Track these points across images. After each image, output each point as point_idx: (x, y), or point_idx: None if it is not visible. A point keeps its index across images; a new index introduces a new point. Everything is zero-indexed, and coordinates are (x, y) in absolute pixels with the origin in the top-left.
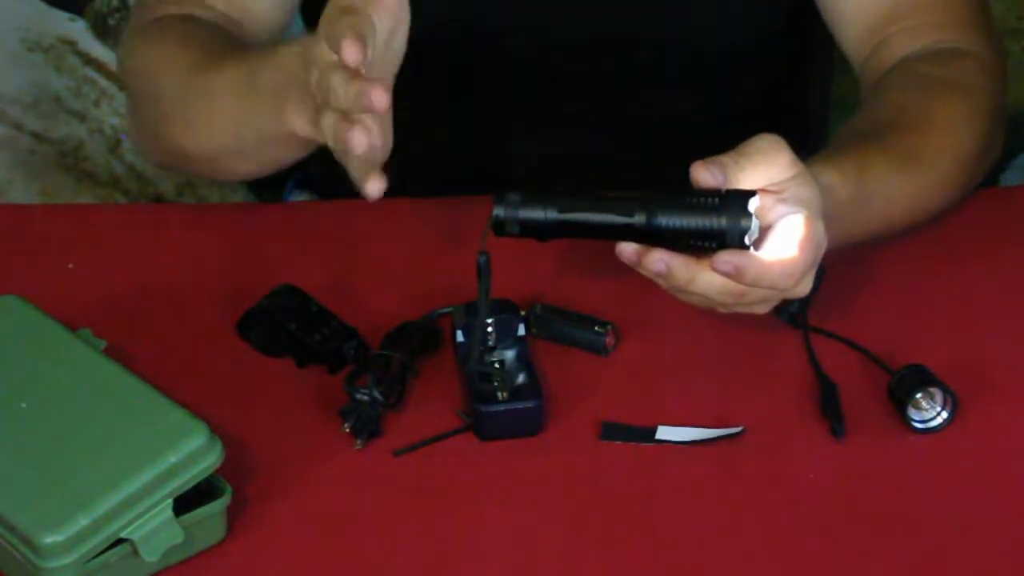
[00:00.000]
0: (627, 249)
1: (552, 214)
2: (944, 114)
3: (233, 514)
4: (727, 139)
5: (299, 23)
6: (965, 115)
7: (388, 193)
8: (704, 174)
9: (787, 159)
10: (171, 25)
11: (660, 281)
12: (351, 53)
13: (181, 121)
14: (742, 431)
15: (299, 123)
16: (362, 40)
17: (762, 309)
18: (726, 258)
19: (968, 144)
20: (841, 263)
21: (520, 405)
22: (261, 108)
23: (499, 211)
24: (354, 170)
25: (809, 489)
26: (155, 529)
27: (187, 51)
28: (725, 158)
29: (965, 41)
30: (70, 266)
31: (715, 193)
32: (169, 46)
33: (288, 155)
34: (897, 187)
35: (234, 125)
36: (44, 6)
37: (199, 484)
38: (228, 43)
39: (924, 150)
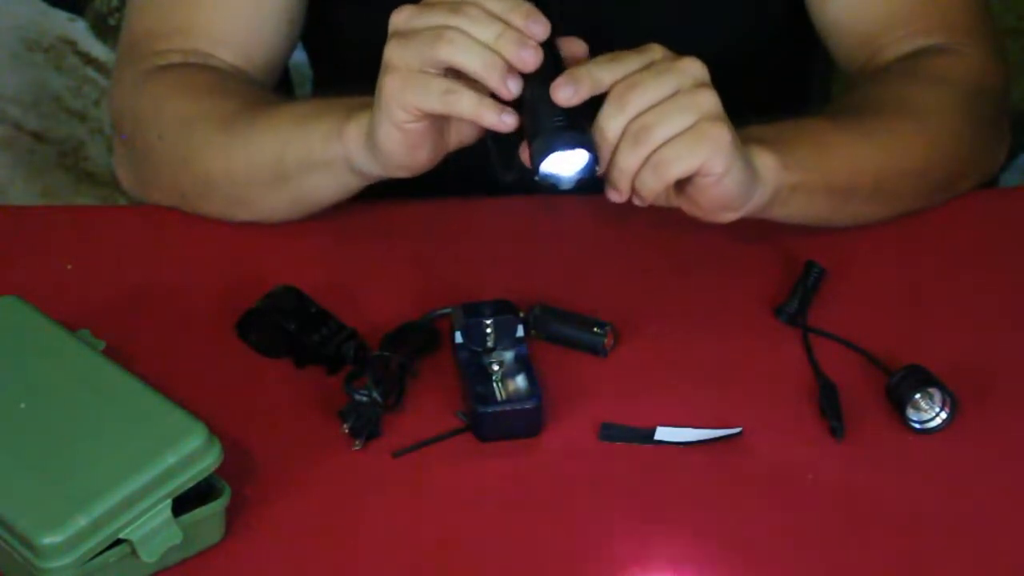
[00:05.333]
0: None
1: None
2: (903, 93)
3: (232, 514)
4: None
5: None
6: (929, 96)
7: (388, 193)
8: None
9: None
10: (196, 73)
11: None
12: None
13: (218, 146)
14: (742, 431)
15: (356, 140)
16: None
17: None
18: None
19: (934, 123)
20: (841, 263)
21: (519, 406)
22: (318, 125)
23: None
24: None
25: (809, 489)
26: (154, 529)
27: (226, 95)
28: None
29: (951, 43)
30: (70, 266)
31: None
32: (201, 85)
33: (328, 185)
34: (840, 140)
35: (280, 144)
36: (44, 6)
37: (198, 484)
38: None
39: (876, 113)
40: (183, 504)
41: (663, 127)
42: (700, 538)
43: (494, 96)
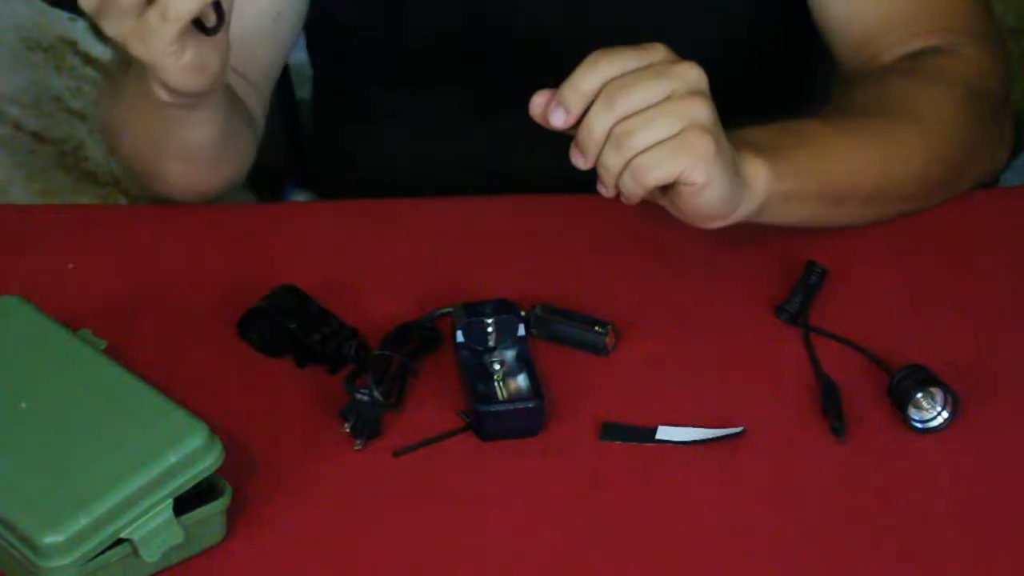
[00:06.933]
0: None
1: None
2: (901, 94)
3: (233, 514)
4: (728, 132)
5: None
6: (928, 97)
7: (388, 193)
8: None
9: None
10: None
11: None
12: None
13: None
14: (742, 431)
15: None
16: None
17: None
18: (538, 100)
19: (933, 125)
20: (842, 263)
21: (520, 405)
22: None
23: None
24: None
25: (809, 489)
26: (155, 529)
27: None
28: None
29: (947, 43)
30: (70, 266)
31: None
32: None
33: (173, 122)
34: (838, 145)
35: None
36: (44, 6)
37: (199, 484)
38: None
39: (875, 115)
40: (184, 504)
41: (646, 132)
42: (700, 538)
43: None
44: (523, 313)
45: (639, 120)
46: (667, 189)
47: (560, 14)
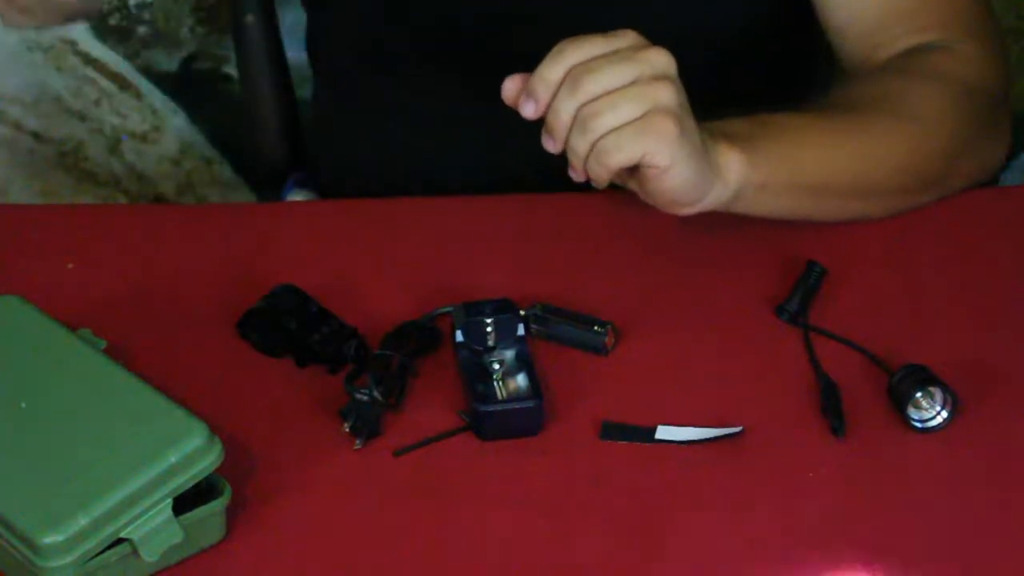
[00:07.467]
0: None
1: None
2: (890, 89)
3: (233, 514)
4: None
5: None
6: (918, 92)
7: (387, 193)
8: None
9: None
10: None
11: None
12: None
13: None
14: (742, 431)
15: None
16: None
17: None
18: (508, 84)
19: (920, 119)
20: (842, 262)
21: (520, 405)
22: None
23: None
24: None
25: (809, 489)
26: (155, 529)
27: None
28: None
29: (945, 40)
30: (70, 266)
31: None
32: None
33: None
34: (815, 137)
35: None
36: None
37: (199, 484)
38: None
39: (858, 109)
40: (184, 503)
41: (609, 115)
42: (700, 537)
43: None
44: (523, 313)
45: (603, 103)
46: (635, 172)
47: (563, 9)
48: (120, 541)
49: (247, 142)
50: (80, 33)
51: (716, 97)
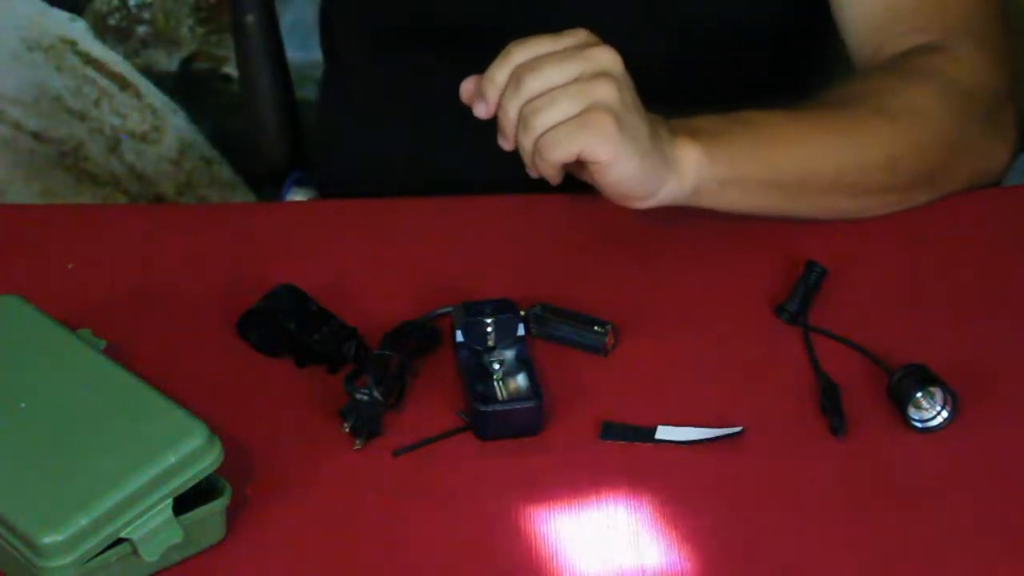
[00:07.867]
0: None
1: None
2: (881, 87)
3: (233, 514)
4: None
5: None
6: (910, 91)
7: (387, 192)
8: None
9: None
10: None
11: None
12: None
13: None
14: (742, 431)
15: None
16: None
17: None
18: (466, 86)
19: (909, 118)
20: (842, 262)
21: (520, 405)
22: None
23: None
24: None
25: (809, 489)
26: (155, 529)
27: None
28: None
29: (944, 40)
30: (70, 266)
31: None
32: None
33: None
34: (792, 133)
35: None
36: (44, 6)
37: (199, 484)
38: None
39: (845, 106)
40: (184, 503)
41: (548, 112)
42: (700, 537)
43: None
44: (523, 313)
45: (543, 100)
46: (586, 167)
47: (564, 6)
48: (120, 541)
49: (247, 142)
50: (80, 33)
51: (717, 87)
